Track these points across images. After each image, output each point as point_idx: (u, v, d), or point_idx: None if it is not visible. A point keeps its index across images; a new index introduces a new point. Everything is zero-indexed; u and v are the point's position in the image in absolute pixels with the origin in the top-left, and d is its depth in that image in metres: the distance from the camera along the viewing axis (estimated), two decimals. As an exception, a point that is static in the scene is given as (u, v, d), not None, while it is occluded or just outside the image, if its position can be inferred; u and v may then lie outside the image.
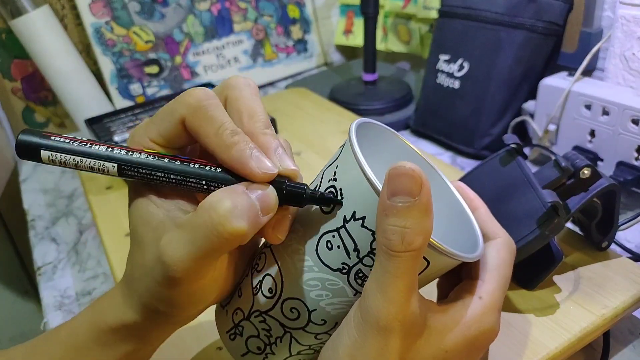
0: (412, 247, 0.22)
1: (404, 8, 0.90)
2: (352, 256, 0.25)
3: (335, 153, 0.28)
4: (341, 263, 0.25)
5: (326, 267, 0.26)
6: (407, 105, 0.81)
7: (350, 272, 0.26)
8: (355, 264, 0.25)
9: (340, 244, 0.25)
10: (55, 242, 0.62)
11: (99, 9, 0.84)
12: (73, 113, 0.83)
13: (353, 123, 0.27)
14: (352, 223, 0.25)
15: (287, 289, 0.27)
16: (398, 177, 0.22)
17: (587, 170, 0.37)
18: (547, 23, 0.62)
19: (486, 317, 0.26)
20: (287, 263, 0.27)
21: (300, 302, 0.27)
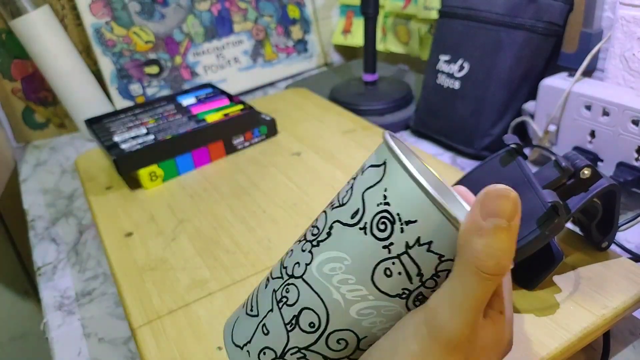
0: (504, 271, 0.22)
1: (404, 8, 0.90)
2: (415, 281, 0.24)
3: (372, 172, 0.26)
4: (401, 289, 0.25)
5: (384, 294, 0.25)
6: (407, 106, 0.81)
7: (410, 296, 0.25)
8: (416, 288, 0.25)
9: (401, 271, 0.24)
10: (55, 242, 0.62)
11: (99, 9, 0.84)
12: (73, 113, 0.83)
13: (389, 139, 0.25)
14: (416, 248, 0.24)
15: (334, 322, 0.26)
16: (497, 198, 0.22)
17: (587, 170, 0.37)
18: (547, 23, 0.63)
19: (509, 332, 0.26)
20: (332, 294, 0.25)
21: (350, 332, 0.26)
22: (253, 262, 0.47)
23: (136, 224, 0.54)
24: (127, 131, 0.67)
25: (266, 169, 0.63)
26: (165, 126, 0.67)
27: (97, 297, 0.53)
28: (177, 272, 0.47)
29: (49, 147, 0.86)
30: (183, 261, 0.48)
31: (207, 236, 0.51)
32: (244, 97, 0.96)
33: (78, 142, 0.87)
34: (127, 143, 0.64)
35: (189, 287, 0.45)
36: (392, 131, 0.76)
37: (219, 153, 0.67)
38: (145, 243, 0.51)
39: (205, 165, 0.65)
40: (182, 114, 0.70)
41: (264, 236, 0.50)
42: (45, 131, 0.90)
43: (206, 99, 0.75)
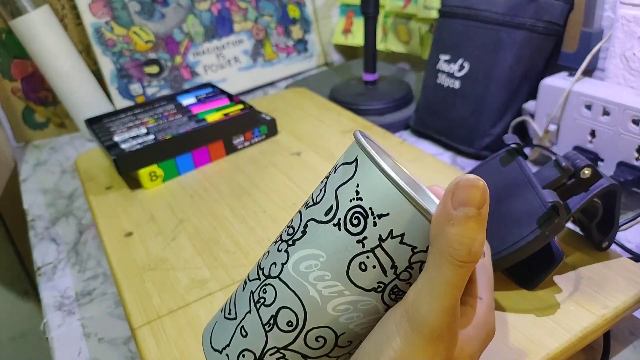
0: (477, 257, 0.23)
1: (404, 8, 0.90)
2: (389, 274, 0.25)
3: (344, 169, 0.26)
4: (376, 282, 0.25)
5: (359, 288, 0.25)
6: (408, 105, 0.81)
7: (385, 290, 0.25)
8: (391, 281, 0.25)
9: (375, 264, 0.25)
10: (55, 242, 0.62)
11: (98, 9, 0.84)
12: (73, 113, 0.83)
13: (360, 137, 0.26)
14: (389, 241, 0.24)
15: (312, 320, 0.26)
16: (468, 188, 0.22)
17: (588, 170, 0.37)
18: (547, 23, 0.62)
19: (489, 317, 0.27)
20: (309, 291, 0.26)
21: (328, 329, 0.26)
22: (253, 262, 0.47)
23: (136, 224, 0.54)
24: (127, 131, 0.67)
25: (266, 168, 0.63)
26: (165, 126, 0.67)
27: (97, 297, 0.53)
28: (177, 272, 0.47)
29: (49, 147, 0.86)
30: (183, 261, 0.48)
31: (207, 236, 0.51)
32: (244, 97, 0.96)
33: (78, 142, 0.87)
34: (127, 143, 0.64)
35: (189, 287, 0.45)
36: (392, 131, 0.76)
37: (219, 153, 0.67)
38: (145, 243, 0.51)
39: (206, 165, 0.65)
40: (182, 114, 0.70)
41: (264, 236, 0.50)
42: (45, 131, 0.90)
43: (206, 99, 0.75)
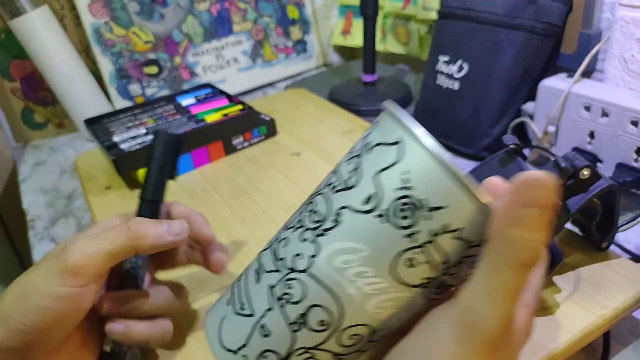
0: (540, 260, 0.22)
1: (403, 9, 0.90)
2: (439, 269, 0.23)
3: (383, 150, 0.23)
4: (423, 278, 0.23)
5: (404, 285, 0.23)
6: (407, 107, 0.81)
7: (431, 285, 0.23)
8: (439, 276, 0.23)
9: (426, 260, 0.23)
10: (55, 242, 0.62)
11: (98, 9, 0.84)
12: (72, 113, 0.83)
13: (400, 114, 0.23)
14: (443, 236, 0.22)
15: (349, 318, 0.24)
16: (535, 187, 0.21)
17: (587, 170, 0.37)
18: (546, 24, 0.63)
19: (530, 323, 0.26)
20: (346, 289, 0.23)
21: (365, 326, 0.24)
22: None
23: (136, 224, 0.54)
24: (126, 131, 0.67)
25: (265, 169, 0.63)
26: (165, 126, 0.67)
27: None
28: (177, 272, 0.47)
29: (48, 147, 0.86)
30: (183, 261, 0.48)
31: (206, 236, 0.51)
32: (243, 98, 0.96)
33: (77, 142, 0.87)
34: (126, 143, 0.64)
35: (189, 287, 0.45)
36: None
37: (219, 153, 0.67)
38: (145, 243, 0.51)
39: (205, 166, 0.65)
40: (181, 114, 0.70)
41: (263, 236, 0.50)
42: (45, 131, 0.89)
43: (205, 99, 0.75)
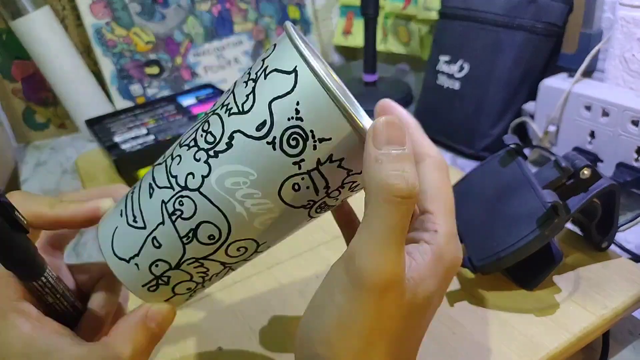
0: (414, 190, 0.21)
1: (404, 9, 0.90)
2: (321, 193, 0.24)
3: (279, 78, 0.24)
4: (307, 200, 0.25)
5: (288, 206, 0.24)
6: (408, 106, 0.81)
7: (314, 206, 0.25)
8: (321, 198, 0.25)
9: (310, 185, 0.24)
10: (56, 242, 0.62)
11: (99, 10, 0.84)
12: (73, 114, 0.83)
13: (298, 40, 0.23)
14: (327, 165, 0.24)
15: (236, 234, 0.25)
16: (389, 127, 0.22)
17: (587, 170, 0.38)
18: (547, 24, 0.63)
19: (447, 247, 0.25)
20: (235, 208, 0.24)
21: (251, 241, 0.26)
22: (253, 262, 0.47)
23: (136, 224, 0.54)
24: (127, 131, 0.67)
25: (266, 169, 0.63)
26: (166, 126, 0.67)
27: (97, 297, 0.53)
28: (178, 272, 0.47)
29: (49, 148, 0.86)
30: (183, 261, 0.48)
31: (207, 236, 0.51)
32: (244, 98, 0.96)
33: (78, 143, 0.87)
34: (127, 143, 0.64)
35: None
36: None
37: (219, 153, 0.67)
38: (146, 243, 0.51)
39: (206, 166, 0.65)
40: (182, 115, 0.70)
41: (264, 236, 0.50)
42: (46, 131, 0.90)
43: (206, 100, 0.75)
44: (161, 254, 0.26)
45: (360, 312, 0.22)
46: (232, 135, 0.24)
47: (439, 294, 0.25)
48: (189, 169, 0.25)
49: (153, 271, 0.26)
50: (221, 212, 0.25)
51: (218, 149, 0.24)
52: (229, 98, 0.25)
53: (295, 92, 0.23)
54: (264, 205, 0.24)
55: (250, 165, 0.24)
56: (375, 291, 0.22)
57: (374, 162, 0.22)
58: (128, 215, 0.27)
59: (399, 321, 0.23)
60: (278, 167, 0.24)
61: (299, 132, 0.23)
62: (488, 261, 0.37)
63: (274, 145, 0.23)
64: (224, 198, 0.24)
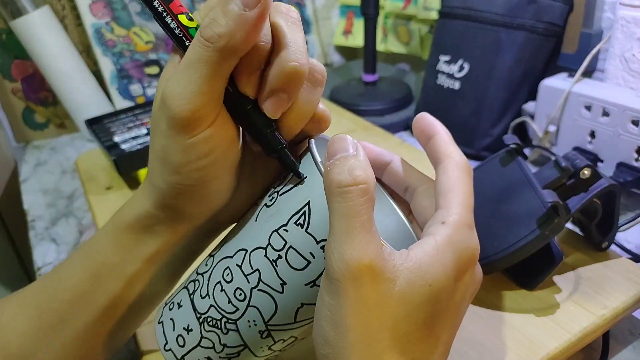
0: (359, 179, 0.22)
1: (404, 9, 0.90)
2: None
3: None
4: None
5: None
6: (407, 106, 0.81)
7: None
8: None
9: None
10: (56, 242, 0.62)
11: (99, 10, 0.84)
12: (73, 113, 0.83)
13: (315, 151, 0.27)
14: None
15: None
16: (333, 143, 0.24)
17: (587, 170, 0.37)
18: (547, 24, 0.63)
19: (456, 237, 0.25)
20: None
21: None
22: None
23: (136, 224, 0.54)
24: (127, 131, 0.67)
25: (266, 169, 0.63)
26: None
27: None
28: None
29: (49, 147, 0.86)
30: (183, 261, 0.48)
31: (207, 236, 0.51)
32: (244, 98, 0.96)
33: (78, 142, 0.87)
34: (127, 143, 0.64)
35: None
36: (392, 132, 0.76)
37: (219, 153, 0.66)
38: (146, 243, 0.51)
39: (206, 166, 0.65)
40: (182, 114, 0.70)
41: (264, 236, 0.50)
42: (46, 131, 0.90)
43: (206, 99, 0.75)
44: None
45: (344, 306, 0.22)
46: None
47: (451, 285, 0.24)
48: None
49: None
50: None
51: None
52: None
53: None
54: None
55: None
56: (347, 281, 0.22)
57: (325, 173, 0.23)
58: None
59: (394, 311, 0.23)
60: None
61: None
62: (488, 261, 0.37)
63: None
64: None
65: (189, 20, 0.26)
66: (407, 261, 0.23)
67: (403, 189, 0.31)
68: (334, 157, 0.23)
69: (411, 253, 0.24)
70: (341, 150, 0.23)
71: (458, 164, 0.27)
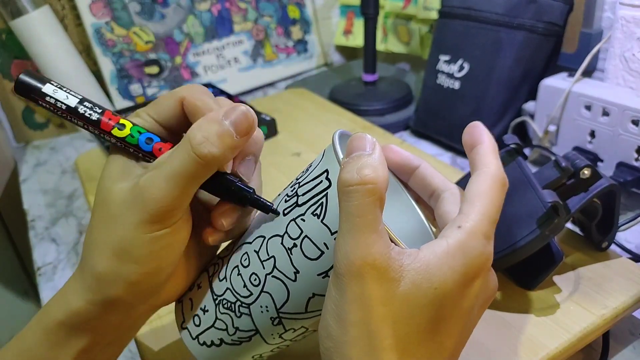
0: (367, 178, 0.23)
1: (404, 9, 0.90)
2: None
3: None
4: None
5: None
6: (407, 106, 0.81)
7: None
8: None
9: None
10: (55, 242, 0.62)
11: (99, 10, 0.84)
12: (73, 113, 0.83)
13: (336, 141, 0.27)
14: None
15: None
16: (351, 141, 0.24)
17: (587, 170, 0.37)
18: (547, 24, 0.63)
19: (470, 243, 0.24)
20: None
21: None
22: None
23: (136, 224, 0.54)
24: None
25: (266, 169, 0.62)
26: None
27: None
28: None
29: (49, 147, 0.86)
30: (183, 261, 0.48)
31: (207, 236, 0.51)
32: (244, 97, 0.96)
33: (78, 142, 0.87)
34: (127, 143, 0.64)
35: (189, 287, 0.45)
36: (392, 131, 0.76)
37: (219, 153, 0.66)
38: (145, 243, 0.51)
39: (205, 166, 0.65)
40: (182, 114, 0.70)
41: (264, 236, 0.50)
42: (45, 131, 0.90)
43: (206, 99, 0.75)
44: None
45: (347, 301, 0.23)
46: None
47: (458, 290, 0.24)
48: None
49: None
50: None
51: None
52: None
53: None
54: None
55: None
56: (351, 277, 0.23)
57: (340, 170, 0.24)
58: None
59: (396, 311, 0.23)
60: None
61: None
62: (488, 261, 0.37)
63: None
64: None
65: (120, 130, 0.28)
66: (414, 262, 0.23)
67: (429, 194, 0.32)
68: (350, 155, 0.24)
69: (420, 254, 0.24)
70: (358, 149, 0.24)
71: (492, 175, 0.27)
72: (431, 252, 0.24)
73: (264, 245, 0.28)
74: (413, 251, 0.24)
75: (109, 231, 0.27)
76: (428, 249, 0.24)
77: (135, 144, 0.28)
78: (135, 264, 0.27)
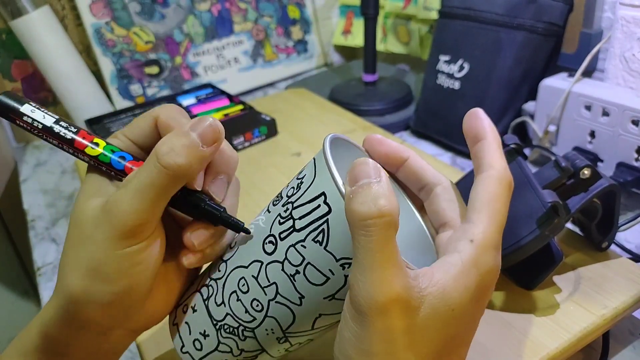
0: (384, 210, 0.22)
1: (404, 9, 0.90)
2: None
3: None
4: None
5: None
6: (407, 106, 0.81)
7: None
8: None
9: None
10: (55, 242, 0.62)
11: (99, 10, 0.84)
12: (73, 113, 0.83)
13: (327, 150, 0.27)
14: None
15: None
16: (355, 167, 0.23)
17: (587, 170, 0.37)
18: (547, 24, 0.63)
19: (482, 258, 0.25)
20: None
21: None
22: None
23: (136, 224, 0.54)
24: (127, 131, 0.67)
25: (266, 169, 0.63)
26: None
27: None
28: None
29: (49, 147, 0.86)
30: (183, 261, 0.48)
31: (207, 236, 0.51)
32: (244, 98, 0.96)
33: (78, 143, 0.87)
34: (127, 143, 0.64)
35: (189, 287, 0.45)
36: (392, 132, 0.76)
37: (219, 153, 0.66)
38: (146, 243, 0.51)
39: (205, 166, 0.65)
40: (182, 114, 0.70)
41: (264, 236, 0.50)
42: (46, 131, 0.89)
43: (206, 99, 0.75)
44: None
45: (370, 335, 0.23)
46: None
47: (472, 307, 0.25)
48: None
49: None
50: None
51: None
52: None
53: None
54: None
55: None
56: (374, 314, 0.22)
57: (347, 200, 0.23)
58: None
59: (418, 336, 0.23)
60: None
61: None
62: (488, 261, 0.37)
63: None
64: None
65: (93, 149, 0.28)
66: (430, 286, 0.23)
67: (418, 187, 0.31)
68: (357, 184, 0.23)
69: (436, 276, 0.24)
70: (363, 176, 0.23)
71: (499, 179, 0.26)
72: (446, 272, 0.24)
73: (262, 271, 0.28)
74: (427, 271, 0.24)
75: (81, 250, 0.27)
76: (442, 268, 0.24)
77: (108, 162, 0.28)
78: (106, 283, 0.27)
